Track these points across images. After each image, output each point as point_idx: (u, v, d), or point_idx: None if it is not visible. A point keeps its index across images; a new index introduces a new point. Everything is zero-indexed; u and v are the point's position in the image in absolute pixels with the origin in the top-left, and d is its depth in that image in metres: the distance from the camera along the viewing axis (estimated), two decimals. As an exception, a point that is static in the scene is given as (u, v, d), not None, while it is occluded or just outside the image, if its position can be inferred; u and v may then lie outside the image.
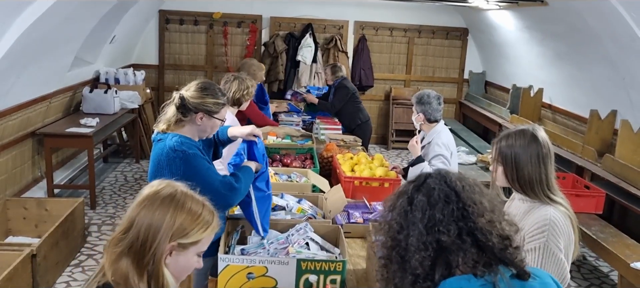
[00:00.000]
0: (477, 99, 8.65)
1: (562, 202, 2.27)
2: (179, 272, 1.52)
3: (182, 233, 1.47)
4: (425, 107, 3.93)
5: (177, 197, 1.50)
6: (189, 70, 8.67)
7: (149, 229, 1.44)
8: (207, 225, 1.53)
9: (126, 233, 1.45)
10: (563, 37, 6.01)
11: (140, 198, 1.51)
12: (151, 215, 1.45)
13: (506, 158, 2.23)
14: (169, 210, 1.47)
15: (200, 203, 1.55)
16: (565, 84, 6.55)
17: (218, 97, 2.55)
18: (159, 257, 1.44)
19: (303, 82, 8.36)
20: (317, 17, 8.66)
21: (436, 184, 1.41)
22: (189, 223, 1.48)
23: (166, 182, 1.56)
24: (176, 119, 2.48)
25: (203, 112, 2.49)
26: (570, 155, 5.78)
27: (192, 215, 1.50)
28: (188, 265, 1.53)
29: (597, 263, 5.16)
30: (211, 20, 8.52)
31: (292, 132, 4.87)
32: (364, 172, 3.89)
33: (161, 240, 1.44)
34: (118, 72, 6.92)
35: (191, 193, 1.56)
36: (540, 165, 2.21)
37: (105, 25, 6.20)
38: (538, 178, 2.20)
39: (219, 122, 2.57)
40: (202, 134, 2.57)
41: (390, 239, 1.43)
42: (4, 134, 4.84)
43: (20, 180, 5.27)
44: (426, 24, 8.85)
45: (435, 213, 1.37)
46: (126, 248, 1.44)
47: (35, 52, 4.60)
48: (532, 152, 2.20)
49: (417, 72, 9.07)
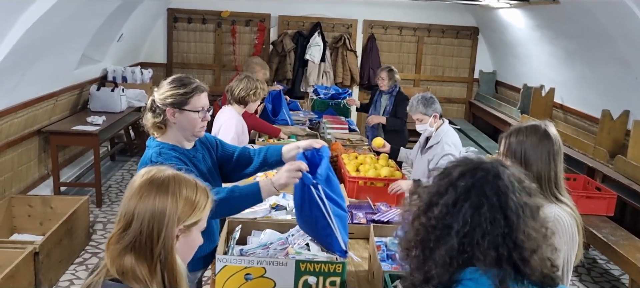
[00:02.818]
0: (488, 98, 8.55)
1: (567, 203, 2.20)
2: (186, 254, 1.49)
3: (188, 213, 1.42)
4: (435, 106, 3.89)
5: (172, 181, 1.44)
6: (197, 69, 8.66)
7: (153, 219, 1.37)
8: (206, 200, 1.49)
9: (127, 230, 1.37)
10: (575, 36, 5.91)
11: (134, 190, 1.42)
12: (152, 204, 1.38)
13: (515, 154, 2.16)
14: (168, 196, 1.39)
15: (192, 182, 1.49)
16: (577, 83, 6.44)
17: (183, 87, 2.32)
18: (169, 245, 1.38)
19: (311, 81, 8.32)
20: (325, 16, 8.61)
21: (488, 195, 1.26)
22: (192, 200, 1.44)
23: (154, 168, 1.49)
24: (154, 123, 2.34)
25: (170, 106, 2.30)
26: (581, 156, 5.68)
27: (191, 191, 1.45)
28: (194, 244, 1.49)
29: (607, 266, 5.06)
30: (219, 18, 8.50)
31: (297, 131, 4.82)
32: (369, 172, 3.84)
33: (168, 226, 1.37)
34: (125, 70, 6.91)
35: (180, 174, 1.49)
36: (550, 162, 2.15)
37: (112, 23, 6.19)
38: (547, 176, 2.13)
39: (193, 114, 2.32)
40: (185, 132, 2.37)
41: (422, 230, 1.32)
42: (9, 132, 4.84)
43: (26, 178, 5.27)
44: (436, 23, 8.77)
45: (476, 235, 1.25)
46: (129, 244, 1.36)
47: (40, 49, 4.58)
48: (543, 149, 2.14)
49: (427, 71, 8.99)
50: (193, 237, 1.48)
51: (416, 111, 3.87)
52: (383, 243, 2.74)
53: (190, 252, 1.51)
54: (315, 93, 6.67)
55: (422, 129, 3.90)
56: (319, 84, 8.10)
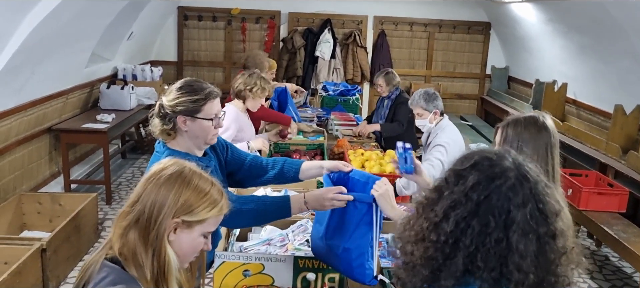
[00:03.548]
0: (500, 94, 8.45)
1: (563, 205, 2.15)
2: (184, 251, 1.49)
3: (188, 210, 1.44)
4: (437, 102, 3.85)
5: (184, 174, 1.47)
6: (208, 67, 8.68)
7: (154, 205, 1.42)
8: (214, 204, 1.48)
9: (133, 207, 1.44)
10: (587, 30, 5.82)
11: (148, 175, 1.49)
12: (156, 191, 1.43)
13: (512, 143, 2.12)
14: (174, 187, 1.44)
15: (209, 182, 1.51)
16: (589, 78, 6.34)
17: (195, 93, 2.19)
18: (162, 233, 1.41)
19: (321, 78, 8.29)
20: (335, 12, 8.57)
21: (495, 214, 1.18)
22: (195, 200, 1.45)
23: (175, 160, 1.52)
24: (162, 130, 2.21)
25: (182, 114, 2.17)
26: (593, 151, 5.59)
27: (199, 192, 1.46)
28: (193, 244, 1.49)
29: (620, 263, 4.97)
30: (229, 16, 8.51)
31: (304, 127, 4.80)
32: (374, 169, 3.81)
33: (165, 215, 1.41)
34: (135, 68, 6.95)
35: (200, 171, 1.52)
36: (547, 155, 2.11)
37: (122, 21, 6.22)
38: (544, 169, 2.09)
39: (206, 122, 2.20)
40: (197, 140, 2.24)
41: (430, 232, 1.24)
42: (19, 129, 4.88)
43: (36, 175, 5.32)
44: (447, 19, 8.69)
45: (480, 255, 1.19)
46: (133, 222, 1.42)
47: (48, 48, 4.62)
48: (541, 142, 2.10)
49: (438, 67, 8.92)
50: (195, 237, 1.48)
51: (417, 105, 3.84)
52: (384, 240, 2.71)
53: (191, 252, 1.51)
54: (324, 90, 6.64)
55: (421, 124, 3.87)
56: (329, 81, 8.08)
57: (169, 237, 1.43)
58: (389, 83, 5.28)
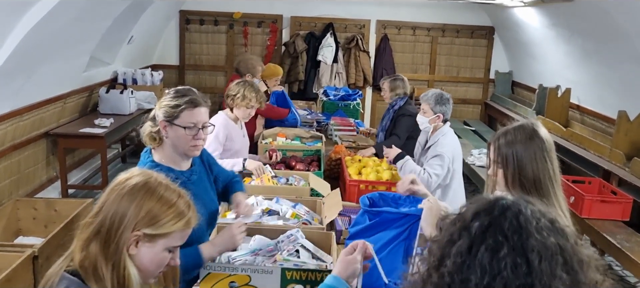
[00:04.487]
0: (503, 99, 8.37)
1: (565, 212, 2.07)
2: (146, 266, 1.42)
3: (150, 222, 1.38)
4: (444, 108, 3.78)
5: (149, 184, 1.42)
6: (209, 71, 8.65)
7: (115, 216, 1.36)
8: (180, 217, 1.42)
9: (95, 218, 1.39)
10: (590, 34, 5.74)
11: (112, 184, 1.43)
12: (118, 201, 1.38)
13: (507, 158, 2.04)
14: (136, 197, 1.38)
15: (176, 193, 1.45)
16: (593, 83, 6.25)
17: (175, 99, 2.14)
18: (121, 246, 1.36)
19: (323, 82, 8.24)
20: (338, 16, 8.52)
21: (508, 234, 1.02)
22: (158, 212, 1.39)
23: (143, 171, 1.47)
24: (149, 132, 2.19)
25: (163, 119, 2.13)
26: (597, 158, 5.50)
27: (163, 203, 1.40)
28: (156, 259, 1.42)
29: (623, 273, 4.88)
30: (231, 20, 8.48)
31: (301, 133, 4.74)
32: (371, 176, 3.75)
33: (125, 228, 1.36)
34: (136, 72, 6.92)
35: (168, 183, 1.46)
36: (546, 161, 2.03)
37: (122, 25, 6.19)
38: (547, 176, 2.01)
39: (181, 130, 2.13)
40: (178, 150, 2.19)
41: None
42: (15, 134, 4.85)
43: (33, 180, 5.28)
44: (450, 23, 8.62)
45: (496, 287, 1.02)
46: (94, 234, 1.37)
47: (44, 52, 4.59)
48: (535, 149, 2.02)
49: (441, 72, 8.84)
50: (158, 251, 1.42)
51: (426, 102, 3.79)
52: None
53: (155, 267, 1.44)
54: (325, 94, 6.58)
55: (421, 121, 3.80)
56: (331, 85, 8.03)
57: (130, 250, 1.37)
58: (392, 90, 4.87)
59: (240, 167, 3.45)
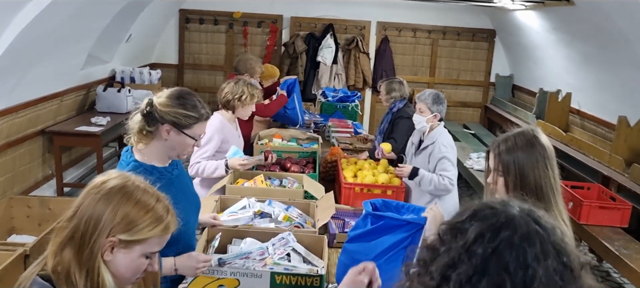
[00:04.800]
0: (504, 103, 8.32)
1: (565, 219, 2.03)
2: (122, 273, 1.37)
3: (126, 228, 1.33)
4: (441, 107, 3.76)
5: (126, 188, 1.36)
6: (208, 70, 8.61)
7: (90, 220, 1.31)
8: (158, 222, 1.37)
9: (69, 222, 1.34)
10: (591, 38, 5.70)
11: (88, 187, 1.38)
12: (94, 205, 1.33)
13: (508, 167, 1.99)
14: (112, 201, 1.33)
15: (154, 197, 1.39)
16: (594, 88, 6.21)
17: (191, 109, 2.14)
18: (96, 252, 1.31)
19: (322, 83, 8.20)
20: (338, 17, 8.49)
21: (511, 270, 0.95)
22: (135, 217, 1.34)
23: (121, 173, 1.42)
24: (140, 128, 2.12)
25: (170, 124, 2.10)
26: (596, 164, 5.46)
27: (140, 208, 1.35)
28: (133, 266, 1.37)
29: (621, 280, 4.84)
30: (231, 19, 8.44)
31: (298, 134, 4.71)
32: (366, 178, 3.71)
33: (100, 233, 1.31)
34: (134, 71, 6.88)
35: (146, 186, 1.41)
36: (547, 169, 1.99)
37: (120, 24, 6.16)
38: (548, 183, 1.97)
39: (189, 140, 2.16)
40: (171, 152, 2.19)
41: None
42: (10, 131, 4.81)
43: (29, 178, 5.25)
44: (451, 25, 8.58)
45: None
46: (68, 238, 1.32)
47: (40, 49, 4.54)
48: (537, 155, 1.98)
49: (441, 74, 8.80)
50: (134, 257, 1.37)
51: (423, 101, 3.77)
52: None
53: (131, 274, 1.40)
54: (324, 95, 6.54)
55: (418, 121, 3.77)
56: (331, 87, 7.99)
57: (105, 256, 1.33)
58: (388, 93, 4.71)
59: (222, 170, 3.40)
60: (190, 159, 3.53)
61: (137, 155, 2.17)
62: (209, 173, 3.43)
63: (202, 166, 3.43)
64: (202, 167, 3.43)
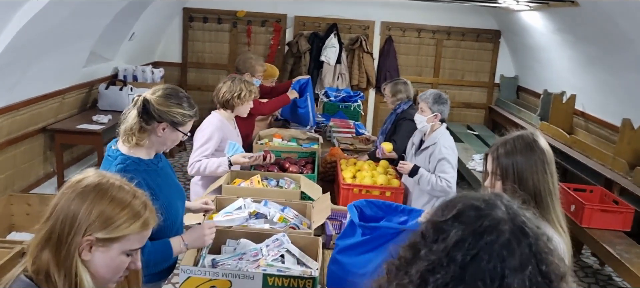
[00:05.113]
0: (508, 104, 8.27)
1: (563, 224, 2.00)
2: (102, 273, 1.35)
3: (102, 226, 1.31)
4: (443, 108, 3.71)
5: (100, 185, 1.34)
6: (212, 69, 8.60)
7: (66, 220, 1.30)
8: (135, 218, 1.34)
9: (46, 222, 1.33)
10: (595, 40, 5.65)
11: (64, 186, 1.37)
12: (69, 204, 1.31)
13: (507, 171, 1.96)
14: (87, 200, 1.31)
15: (130, 193, 1.37)
16: (598, 90, 6.16)
17: (185, 107, 2.24)
18: (73, 251, 1.29)
19: (326, 83, 8.18)
20: (342, 17, 8.46)
21: (487, 281, 0.92)
22: (111, 214, 1.32)
23: (97, 171, 1.41)
24: (138, 126, 2.16)
25: (167, 122, 2.19)
26: (599, 166, 5.41)
27: (116, 205, 1.33)
28: (113, 264, 1.35)
29: (623, 284, 4.79)
30: (235, 18, 8.42)
31: (298, 134, 4.69)
32: (365, 180, 3.69)
33: (76, 233, 1.29)
34: (136, 69, 6.88)
35: (122, 183, 1.39)
36: (546, 174, 1.96)
37: (123, 22, 6.15)
38: (546, 189, 1.94)
39: (181, 136, 2.27)
40: (161, 146, 2.28)
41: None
42: (11, 129, 4.82)
43: (29, 176, 5.26)
44: (456, 26, 8.52)
45: None
46: (45, 239, 1.31)
47: (41, 47, 4.54)
48: (536, 159, 1.95)
49: (445, 75, 8.75)
50: (113, 256, 1.35)
51: (424, 101, 3.72)
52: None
53: (112, 273, 1.38)
54: (326, 95, 6.52)
55: (419, 120, 3.72)
56: (334, 86, 7.97)
57: (83, 255, 1.31)
58: (394, 94, 4.60)
59: (226, 166, 3.40)
60: (189, 158, 3.54)
61: (123, 149, 2.21)
62: (211, 170, 3.43)
63: (203, 164, 3.44)
64: (203, 165, 3.44)
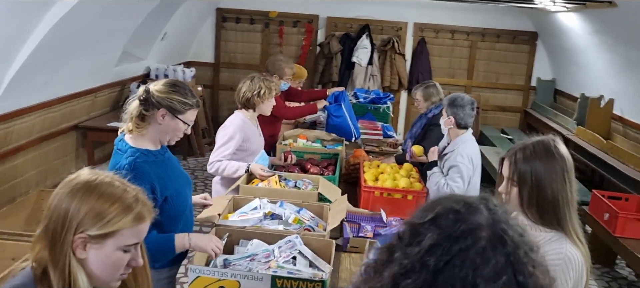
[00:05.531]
0: (544, 108, 8.04)
1: (581, 237, 1.91)
2: (100, 271, 1.34)
3: (93, 222, 1.30)
4: (457, 110, 3.56)
5: (89, 183, 1.34)
6: (244, 69, 8.64)
7: (59, 218, 1.30)
8: (126, 212, 1.33)
9: (44, 221, 1.34)
10: (634, 42, 5.43)
11: (59, 185, 1.38)
12: (61, 203, 1.31)
13: (524, 176, 1.89)
14: (76, 197, 1.31)
15: (120, 188, 1.35)
16: (637, 94, 5.92)
17: (186, 97, 2.32)
18: (66, 250, 1.29)
19: (357, 84, 8.12)
20: (374, 18, 8.39)
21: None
22: (101, 209, 1.31)
23: (90, 170, 1.41)
24: (138, 114, 2.27)
25: (166, 108, 2.27)
26: (637, 174, 5.19)
27: (106, 200, 1.32)
28: (109, 261, 1.34)
29: (660, 297, 4.59)
30: (267, 19, 8.46)
31: (323, 135, 4.65)
32: (386, 182, 3.62)
33: (67, 230, 1.29)
34: (168, 68, 6.97)
35: (113, 179, 1.38)
36: (566, 182, 1.88)
37: (154, 22, 6.24)
38: (566, 198, 1.86)
39: (182, 125, 2.33)
40: (164, 136, 2.34)
41: None
42: (44, 125, 4.93)
43: (62, 172, 5.36)
44: (491, 27, 8.35)
45: None
46: (42, 238, 1.33)
47: (70, 47, 4.62)
48: (557, 166, 1.87)
49: (479, 77, 8.58)
50: (109, 252, 1.34)
51: (443, 104, 3.65)
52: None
53: (111, 270, 1.36)
54: (355, 96, 6.46)
55: (441, 124, 3.65)
56: (365, 88, 7.90)
57: (77, 254, 1.30)
58: (428, 99, 4.42)
59: (243, 171, 3.39)
60: (210, 156, 3.55)
61: (132, 142, 2.30)
62: (229, 172, 3.44)
63: (223, 165, 3.44)
64: (223, 166, 3.44)
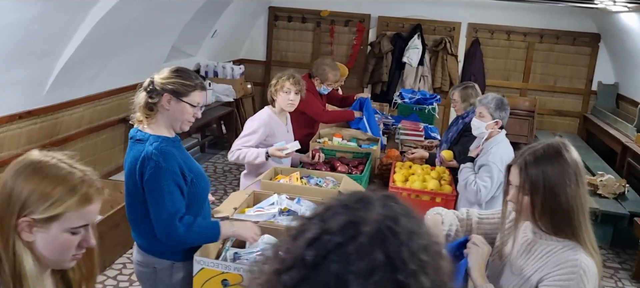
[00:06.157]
0: (605, 113, 7.64)
1: (593, 244, 1.80)
2: (46, 253, 1.30)
3: (36, 205, 1.25)
4: (503, 114, 3.46)
5: (34, 164, 1.29)
6: (295, 68, 8.54)
7: (3, 201, 1.27)
8: (71, 194, 1.26)
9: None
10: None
11: (8, 166, 1.33)
12: (6, 184, 1.28)
13: (536, 181, 1.78)
14: (18, 179, 1.27)
15: (66, 170, 1.29)
16: None
17: (189, 79, 2.32)
18: (11, 232, 1.26)
19: (407, 84, 8.00)
20: (427, 18, 8.23)
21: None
22: (43, 192, 1.25)
23: (37, 151, 1.36)
24: (145, 103, 2.30)
25: (170, 92, 2.27)
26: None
27: (48, 183, 1.26)
28: (56, 244, 1.29)
29: None
30: (319, 18, 8.47)
31: (358, 134, 4.60)
32: (415, 184, 3.54)
33: (11, 213, 1.26)
34: (217, 65, 7.11)
35: (60, 160, 1.32)
36: (579, 187, 1.77)
37: (204, 19, 6.38)
38: (579, 204, 1.76)
39: (189, 108, 2.30)
40: (175, 122, 2.33)
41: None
42: (92, 118, 5.14)
43: (109, 163, 5.58)
44: (550, 28, 8.01)
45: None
46: None
47: (118, 42, 4.79)
48: (569, 170, 1.76)
49: (536, 80, 8.25)
50: (56, 235, 1.28)
51: (484, 106, 3.44)
52: None
53: (60, 252, 1.31)
54: (401, 97, 6.36)
55: (477, 126, 3.47)
56: (415, 88, 7.77)
57: (24, 237, 1.27)
58: (465, 100, 4.23)
59: (263, 157, 3.44)
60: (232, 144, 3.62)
61: (150, 130, 2.33)
62: (250, 159, 3.50)
63: (243, 153, 3.51)
64: (243, 154, 3.51)
